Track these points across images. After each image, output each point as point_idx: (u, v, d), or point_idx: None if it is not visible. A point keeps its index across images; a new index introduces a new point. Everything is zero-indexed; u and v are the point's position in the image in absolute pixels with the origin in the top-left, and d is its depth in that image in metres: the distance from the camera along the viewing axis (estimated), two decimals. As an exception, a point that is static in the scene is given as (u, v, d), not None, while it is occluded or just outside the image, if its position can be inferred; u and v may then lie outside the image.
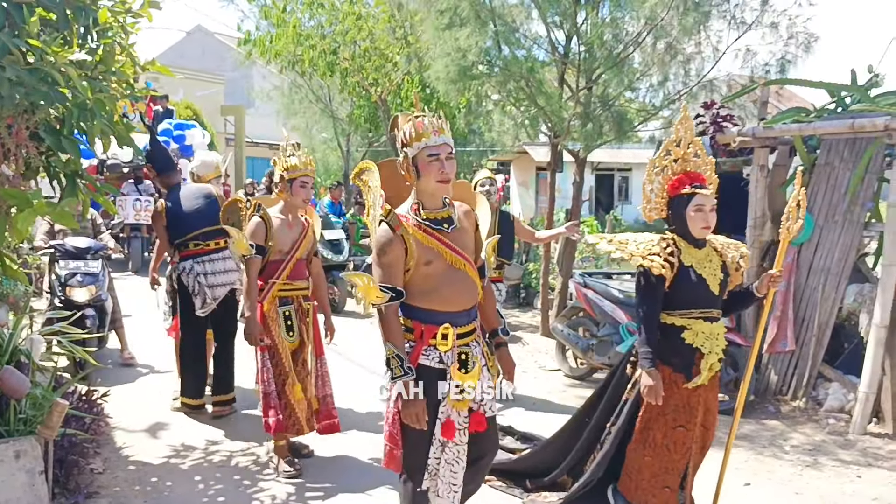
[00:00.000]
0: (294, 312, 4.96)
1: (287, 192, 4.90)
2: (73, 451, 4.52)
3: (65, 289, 6.72)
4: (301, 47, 12.68)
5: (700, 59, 9.30)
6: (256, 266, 4.79)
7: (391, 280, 3.21)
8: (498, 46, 8.90)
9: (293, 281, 4.96)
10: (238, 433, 5.67)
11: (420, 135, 3.19)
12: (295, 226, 4.98)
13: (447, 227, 3.28)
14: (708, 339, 3.74)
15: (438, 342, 3.26)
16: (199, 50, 31.24)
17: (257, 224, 4.81)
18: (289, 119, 19.10)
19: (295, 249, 4.94)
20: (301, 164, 4.85)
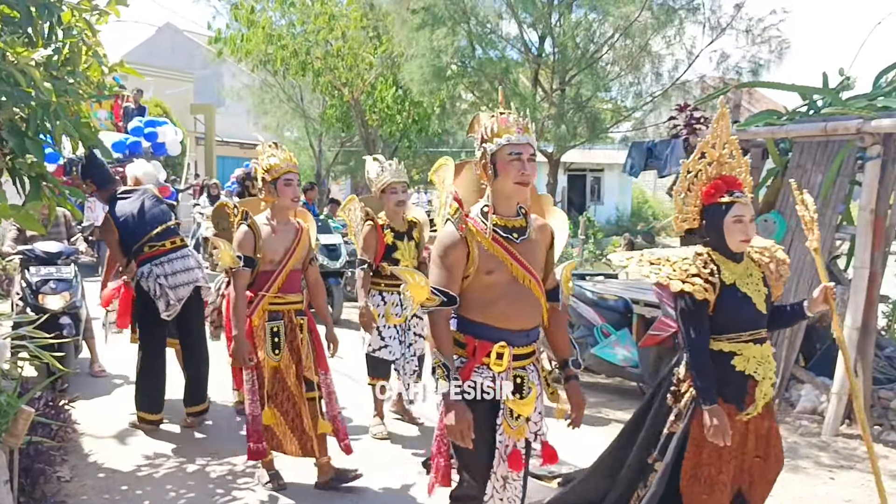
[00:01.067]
0: (283, 328, 4.53)
1: (273, 195, 4.49)
2: (39, 459, 4.41)
3: (37, 296, 6.38)
4: (273, 46, 12.55)
5: (673, 60, 9.38)
6: (245, 279, 4.40)
7: (447, 284, 2.98)
8: (472, 47, 8.89)
9: (285, 294, 4.54)
10: (211, 441, 5.57)
11: (502, 131, 2.96)
12: (286, 231, 4.56)
13: (517, 238, 3.02)
14: (760, 363, 3.39)
15: (492, 361, 3.00)
16: (169, 47, 30.87)
17: (245, 233, 4.43)
18: (259, 118, 18.95)
19: (287, 258, 4.52)
20: (282, 162, 4.48)
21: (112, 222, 5.69)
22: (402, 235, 5.54)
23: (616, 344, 6.78)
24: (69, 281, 6.56)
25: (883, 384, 6.17)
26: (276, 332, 4.50)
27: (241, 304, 4.39)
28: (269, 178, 4.46)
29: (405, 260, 5.49)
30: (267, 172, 4.47)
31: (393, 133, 14.71)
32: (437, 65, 8.51)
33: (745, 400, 3.38)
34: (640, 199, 29.66)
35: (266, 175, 4.47)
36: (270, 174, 4.45)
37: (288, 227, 4.57)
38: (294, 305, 4.59)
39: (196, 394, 5.83)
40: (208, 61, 17.82)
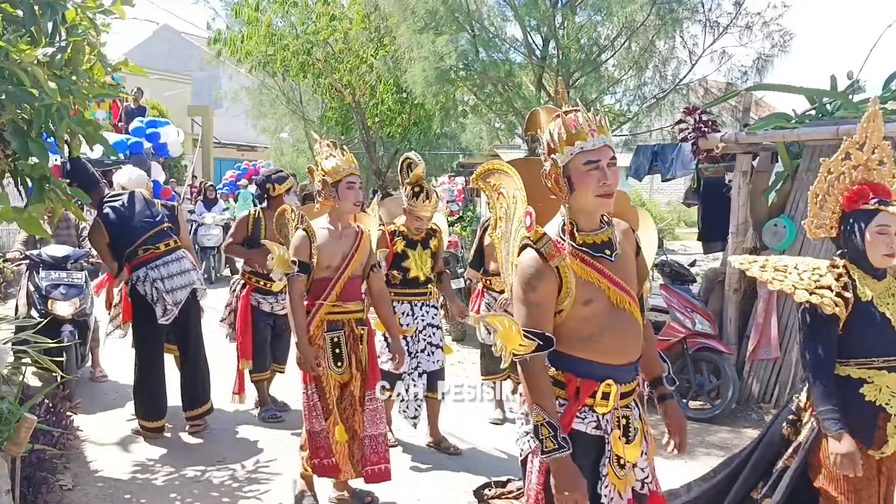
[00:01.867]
0: (344, 339, 4.30)
1: (332, 198, 4.27)
2: (41, 468, 4.32)
3: (46, 302, 6.19)
4: (273, 47, 12.46)
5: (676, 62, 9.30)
6: (301, 285, 4.21)
7: (539, 323, 2.51)
8: (475, 50, 8.81)
9: (344, 302, 4.30)
10: (216, 447, 5.49)
11: (573, 136, 2.49)
12: (345, 237, 4.34)
13: (609, 255, 2.58)
14: (894, 395, 2.97)
15: (597, 402, 2.57)
16: (166, 49, 30.81)
17: (300, 238, 4.23)
18: (258, 120, 18.84)
19: (346, 265, 4.30)
20: (344, 163, 4.26)
21: (102, 226, 5.59)
22: (415, 244, 5.36)
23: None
24: (80, 286, 6.36)
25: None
26: (337, 343, 4.28)
27: (299, 310, 4.20)
28: (329, 180, 4.25)
29: (416, 269, 5.34)
30: (327, 175, 4.26)
31: (393, 135, 14.62)
32: (441, 68, 8.42)
33: (876, 436, 2.98)
34: (637, 203, 29.58)
35: (326, 177, 4.26)
36: (331, 176, 4.25)
37: (347, 231, 4.36)
38: (354, 315, 4.36)
39: (195, 396, 5.73)
40: (206, 63, 17.70)
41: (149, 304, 5.46)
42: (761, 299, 6.60)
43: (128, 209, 5.65)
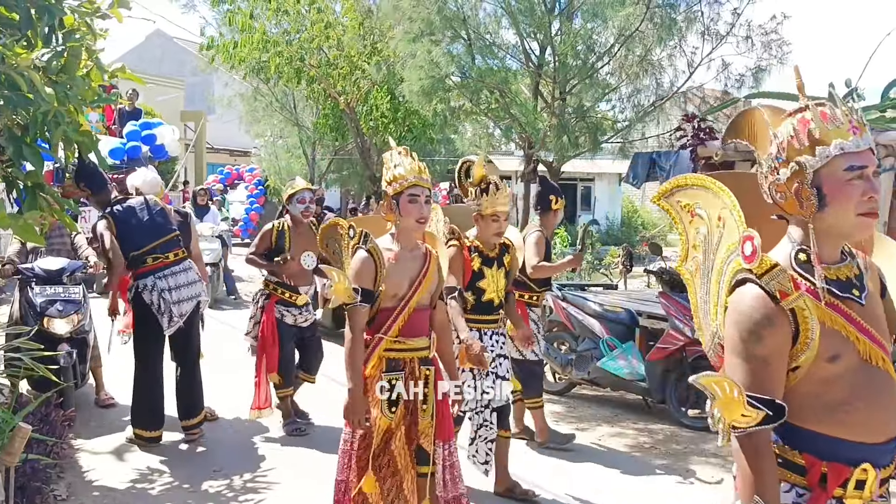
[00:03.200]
0: (403, 381, 3.57)
1: (394, 213, 3.55)
2: (35, 478, 4.24)
3: (42, 319, 5.69)
4: (267, 54, 12.42)
5: (673, 70, 9.32)
6: (363, 318, 3.49)
7: (767, 387, 1.92)
8: (471, 57, 8.79)
9: (407, 338, 3.56)
10: (212, 456, 5.41)
11: (829, 134, 1.92)
12: (411, 259, 3.60)
13: (858, 296, 1.98)
14: None
15: (848, 494, 1.95)
16: (159, 54, 30.72)
17: (363, 261, 3.48)
18: (251, 126, 18.80)
19: (412, 293, 3.55)
20: (408, 172, 3.53)
21: (112, 224, 5.45)
22: (491, 261, 4.58)
23: (622, 357, 6.67)
24: (77, 301, 5.90)
25: None
26: (394, 387, 3.54)
27: (358, 350, 3.49)
28: (390, 191, 3.56)
29: (491, 291, 4.57)
30: (389, 185, 3.58)
31: (387, 142, 14.61)
32: (436, 76, 8.40)
33: None
34: (630, 209, 29.68)
35: (388, 188, 3.59)
36: (392, 187, 3.55)
37: (414, 254, 3.63)
38: (418, 353, 3.62)
39: (192, 405, 5.65)
40: (199, 68, 17.66)
41: (153, 313, 5.37)
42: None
43: (139, 213, 5.55)
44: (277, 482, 4.96)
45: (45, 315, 5.71)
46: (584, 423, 6.54)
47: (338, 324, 9.39)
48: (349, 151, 17.36)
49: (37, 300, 5.77)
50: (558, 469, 5.41)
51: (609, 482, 5.20)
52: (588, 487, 5.05)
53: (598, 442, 6.04)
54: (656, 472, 5.41)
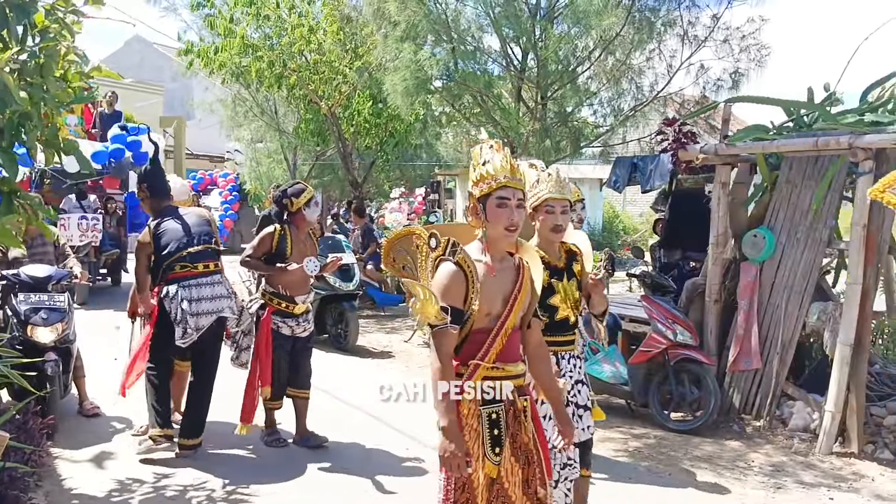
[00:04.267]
0: (504, 416, 3.03)
1: (481, 219, 3.05)
2: (12, 486, 4.17)
3: (25, 327, 5.60)
4: (248, 58, 12.35)
5: (653, 74, 9.36)
6: (452, 342, 2.98)
7: None
8: (454, 61, 8.78)
9: (505, 363, 3.05)
10: (195, 467, 5.29)
11: None
12: (503, 272, 3.08)
13: None
14: None
15: None
16: (138, 60, 30.50)
17: (452, 275, 2.97)
18: (232, 131, 18.69)
19: (508, 311, 3.03)
20: (498, 171, 3.02)
21: (150, 237, 5.41)
22: (560, 272, 3.84)
23: (604, 360, 6.67)
24: (62, 310, 5.79)
25: (874, 401, 6.11)
26: (496, 421, 3.01)
27: (449, 377, 2.95)
28: (476, 193, 3.07)
29: (565, 308, 3.84)
30: (475, 185, 3.09)
31: (369, 146, 14.56)
32: (420, 78, 8.38)
33: None
34: (611, 214, 29.75)
35: (474, 189, 3.10)
36: (479, 188, 3.06)
37: (505, 265, 3.10)
38: (516, 380, 3.10)
39: (196, 424, 5.53)
40: (178, 74, 17.55)
41: (170, 321, 5.28)
42: (741, 311, 6.60)
43: (176, 219, 5.50)
44: (257, 495, 4.88)
45: (29, 323, 5.61)
46: (567, 427, 6.50)
47: (319, 329, 9.32)
48: (330, 156, 17.30)
49: (21, 308, 5.66)
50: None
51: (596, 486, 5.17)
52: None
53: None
54: (642, 476, 5.40)
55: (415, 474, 5.30)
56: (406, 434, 6.01)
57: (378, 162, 15.37)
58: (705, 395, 6.37)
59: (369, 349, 9.46)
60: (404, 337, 10.04)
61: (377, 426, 6.22)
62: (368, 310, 11.82)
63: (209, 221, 5.69)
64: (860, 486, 5.30)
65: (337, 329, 9.35)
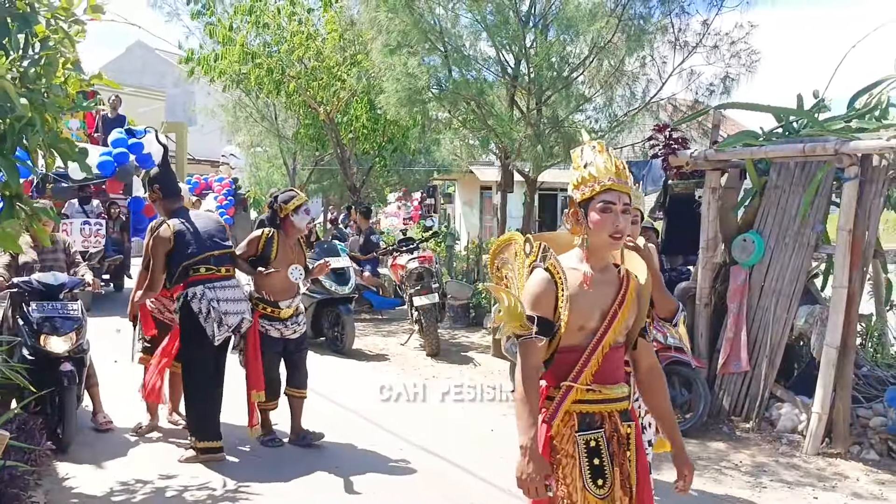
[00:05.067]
0: (606, 444, 2.75)
1: (582, 225, 2.77)
2: (13, 485, 4.26)
3: (38, 337, 5.42)
4: (247, 66, 12.47)
5: (645, 80, 9.45)
6: (539, 354, 2.71)
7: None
8: (448, 69, 8.88)
9: (603, 385, 2.76)
10: (196, 467, 5.38)
11: None
12: (604, 283, 2.79)
13: None
14: None
15: None
16: (140, 65, 30.68)
17: (541, 283, 2.73)
18: (233, 136, 18.82)
19: (606, 326, 2.75)
20: (602, 173, 2.74)
21: (171, 234, 5.46)
22: None
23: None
24: (76, 319, 5.61)
25: (861, 403, 6.20)
26: (597, 450, 2.73)
27: (534, 392, 2.70)
28: (577, 197, 2.78)
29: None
30: (576, 189, 2.80)
31: (367, 151, 14.68)
32: (413, 87, 8.48)
33: None
34: (612, 220, 29.88)
35: (575, 192, 2.81)
36: (580, 191, 2.78)
37: (606, 276, 2.82)
38: (618, 404, 2.81)
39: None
40: (180, 80, 17.69)
41: (199, 323, 5.36)
42: (731, 314, 6.70)
43: (198, 223, 5.60)
44: (259, 493, 4.96)
45: (42, 332, 5.44)
46: (559, 428, 6.60)
47: (316, 332, 9.43)
48: (329, 161, 17.42)
49: (33, 316, 5.49)
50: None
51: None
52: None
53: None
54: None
55: (407, 474, 5.40)
56: (400, 436, 6.11)
57: (376, 167, 15.50)
58: (695, 397, 6.46)
59: (366, 352, 9.55)
60: (401, 340, 10.14)
61: (371, 428, 6.32)
62: (366, 313, 11.93)
63: (224, 226, 5.81)
64: (845, 485, 5.38)
65: (333, 332, 9.46)
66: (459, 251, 14.91)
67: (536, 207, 24.13)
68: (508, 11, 8.63)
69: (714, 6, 8.84)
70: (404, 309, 10.73)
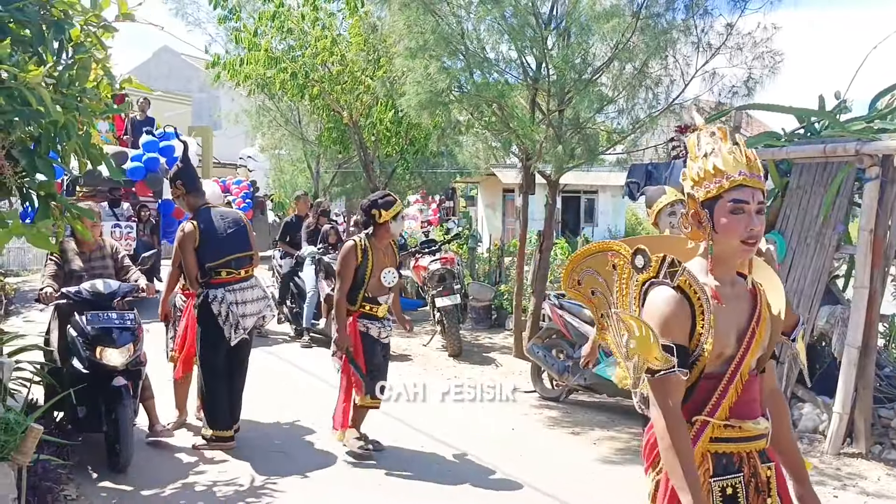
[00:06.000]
0: (744, 490, 2.33)
1: (706, 230, 2.32)
2: (46, 478, 4.40)
3: (93, 349, 5.11)
4: (272, 70, 12.62)
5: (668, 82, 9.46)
6: (680, 391, 2.28)
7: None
8: (469, 71, 8.95)
9: (742, 420, 2.32)
10: (219, 459, 5.52)
11: None
12: (736, 300, 2.36)
13: None
14: None
15: None
16: (166, 70, 31.06)
17: (674, 303, 2.27)
18: (257, 140, 19.03)
19: (744, 351, 2.32)
20: (730, 165, 2.26)
21: (196, 231, 5.58)
22: None
23: (617, 363, 6.78)
24: (133, 330, 5.31)
25: (883, 403, 6.20)
26: (734, 499, 2.32)
27: (685, 437, 2.24)
28: (699, 195, 2.32)
29: None
30: (697, 185, 2.33)
31: (390, 154, 14.79)
32: (434, 90, 8.56)
33: None
34: (634, 221, 29.78)
35: (695, 189, 2.33)
36: (703, 188, 2.31)
37: (737, 291, 2.37)
38: (757, 443, 2.37)
39: (230, 418, 5.79)
40: (205, 84, 17.92)
41: (218, 324, 5.52)
42: (752, 314, 6.70)
43: (223, 224, 5.69)
44: (284, 491, 5.04)
45: (98, 344, 5.14)
46: (580, 427, 6.67)
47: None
48: (353, 164, 17.56)
49: (86, 328, 5.17)
50: (553, 472, 5.54)
51: (603, 485, 5.33)
52: (582, 491, 5.19)
53: (594, 446, 6.17)
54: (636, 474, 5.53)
55: (428, 470, 5.48)
56: (421, 431, 6.22)
57: (399, 170, 15.61)
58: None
59: (389, 353, 9.65)
60: (423, 341, 10.22)
61: (392, 424, 6.40)
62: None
63: (246, 226, 5.87)
64: (865, 485, 5.39)
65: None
66: (481, 253, 14.98)
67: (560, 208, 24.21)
68: (529, 15, 8.69)
69: (737, 8, 8.86)
70: (427, 310, 10.81)
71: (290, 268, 10.60)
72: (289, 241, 10.91)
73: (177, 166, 5.98)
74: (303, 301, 10.02)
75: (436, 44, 8.56)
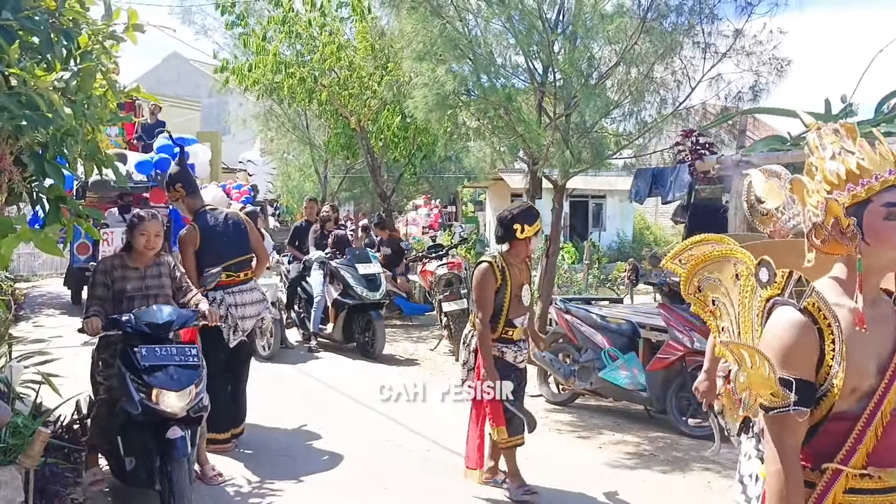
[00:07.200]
0: None
1: (853, 241, 1.95)
2: (54, 481, 4.43)
3: (148, 391, 4.20)
4: (280, 75, 12.70)
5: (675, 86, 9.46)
6: (799, 433, 1.96)
7: None
8: (476, 75, 8.97)
9: (883, 469, 1.97)
10: (224, 463, 5.53)
11: None
12: (879, 323, 1.98)
13: None
14: None
15: None
16: (175, 76, 31.21)
17: (799, 329, 1.94)
18: (265, 145, 19.10)
19: (888, 384, 1.95)
20: (877, 164, 1.95)
21: (197, 233, 5.59)
22: None
23: (623, 367, 6.80)
24: (196, 367, 4.41)
25: None
26: None
27: (798, 486, 1.94)
28: (844, 200, 1.96)
29: None
30: (836, 188, 1.98)
31: (397, 159, 14.84)
32: (441, 94, 8.59)
33: None
34: (642, 226, 29.75)
35: (838, 193, 1.98)
36: (847, 191, 1.96)
37: (878, 310, 2.00)
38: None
39: (235, 418, 5.82)
40: (214, 90, 18.00)
41: (217, 326, 5.45)
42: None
43: (224, 227, 5.71)
44: (289, 493, 5.06)
45: (154, 386, 4.21)
46: (586, 431, 6.67)
47: (347, 337, 9.59)
48: (360, 170, 17.62)
49: (141, 364, 4.26)
50: (560, 475, 5.54)
51: (610, 489, 5.33)
52: (589, 494, 5.19)
53: (600, 450, 6.17)
54: (657, 480, 5.54)
55: (433, 474, 5.50)
56: (425, 436, 6.23)
57: (406, 175, 15.66)
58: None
59: (396, 357, 9.66)
60: (430, 345, 10.23)
61: (400, 430, 6.42)
62: (396, 319, 12.05)
63: (246, 227, 5.88)
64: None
65: (364, 337, 9.58)
66: (488, 258, 14.98)
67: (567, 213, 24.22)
68: (535, 19, 8.72)
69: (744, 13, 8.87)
70: (434, 315, 10.84)
71: (297, 272, 10.64)
72: (297, 245, 10.96)
73: (174, 169, 5.99)
74: (310, 306, 10.05)
75: (443, 47, 8.60)
